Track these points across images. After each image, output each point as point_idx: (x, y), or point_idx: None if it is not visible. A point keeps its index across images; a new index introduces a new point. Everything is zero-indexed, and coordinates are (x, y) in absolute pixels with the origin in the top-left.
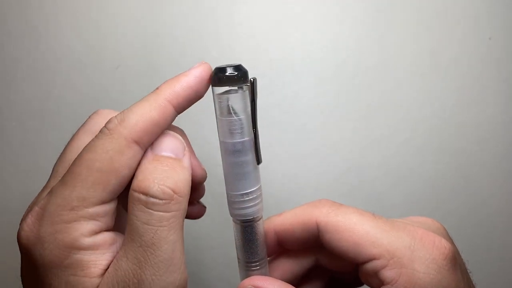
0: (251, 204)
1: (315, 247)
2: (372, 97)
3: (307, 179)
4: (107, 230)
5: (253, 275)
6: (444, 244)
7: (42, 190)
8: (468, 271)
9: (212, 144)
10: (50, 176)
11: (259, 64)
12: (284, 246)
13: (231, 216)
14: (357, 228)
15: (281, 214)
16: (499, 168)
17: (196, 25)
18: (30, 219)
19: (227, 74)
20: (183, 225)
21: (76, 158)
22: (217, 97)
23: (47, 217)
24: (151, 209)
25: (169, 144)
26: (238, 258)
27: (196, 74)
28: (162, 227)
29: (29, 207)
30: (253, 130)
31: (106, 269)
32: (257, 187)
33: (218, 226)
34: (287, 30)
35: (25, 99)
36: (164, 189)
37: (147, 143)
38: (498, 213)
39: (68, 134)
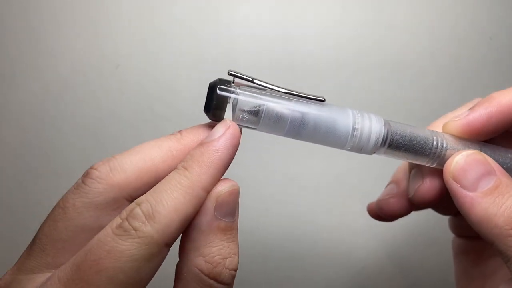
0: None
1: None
2: (372, 97)
3: (307, 179)
4: None
5: None
6: None
7: (23, 260)
8: None
9: None
10: (27, 249)
11: (259, 64)
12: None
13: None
14: None
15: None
16: None
17: (196, 25)
18: None
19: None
20: None
21: (89, 259)
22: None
23: None
24: None
25: (231, 204)
26: None
27: (227, 145)
28: None
29: None
30: (285, 93)
31: None
32: (352, 115)
33: None
34: (287, 30)
35: (25, 99)
36: (233, 274)
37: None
38: None
39: (68, 134)
